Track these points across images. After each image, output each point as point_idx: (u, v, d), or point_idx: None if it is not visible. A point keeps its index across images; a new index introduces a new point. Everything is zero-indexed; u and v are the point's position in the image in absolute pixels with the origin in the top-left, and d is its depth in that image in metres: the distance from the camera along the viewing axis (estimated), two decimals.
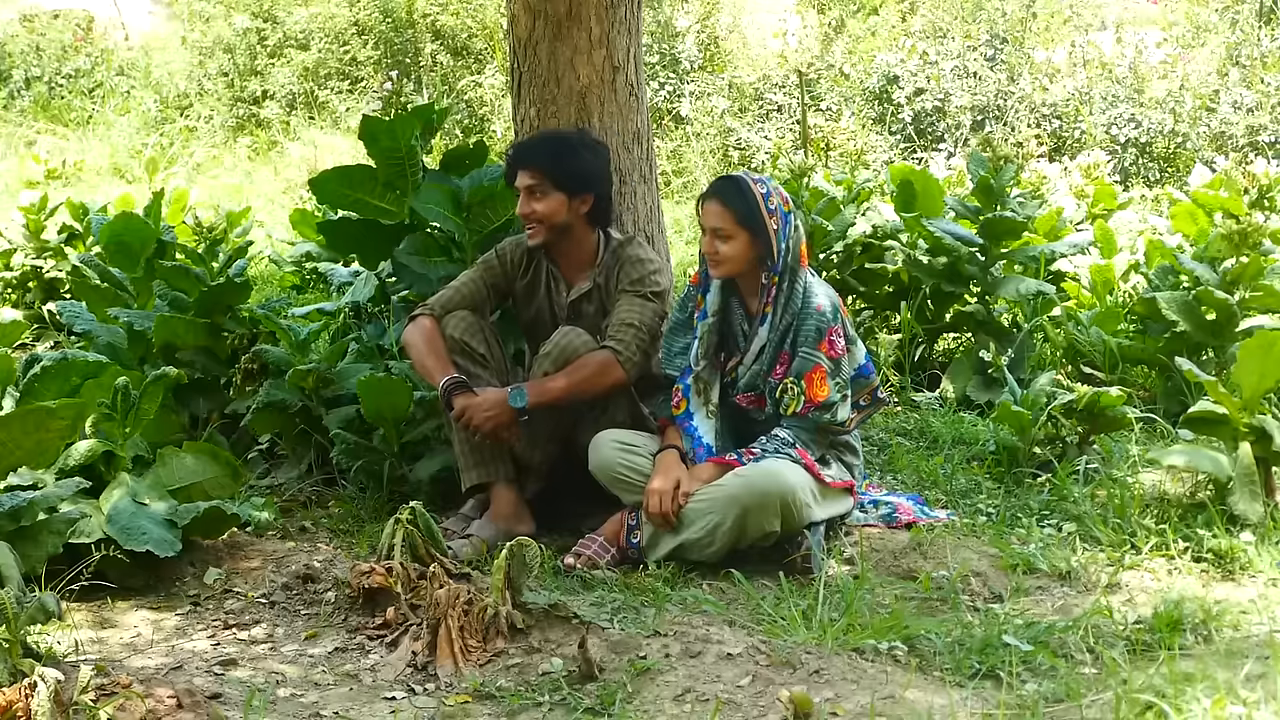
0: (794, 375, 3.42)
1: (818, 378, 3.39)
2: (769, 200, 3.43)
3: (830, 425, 3.44)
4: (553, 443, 3.70)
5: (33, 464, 3.04)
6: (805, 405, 3.40)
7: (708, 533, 3.33)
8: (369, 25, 12.66)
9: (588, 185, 3.71)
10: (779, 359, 3.46)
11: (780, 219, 3.43)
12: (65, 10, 13.57)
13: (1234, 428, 3.47)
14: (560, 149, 3.72)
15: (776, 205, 3.44)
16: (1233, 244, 4.48)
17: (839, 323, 3.44)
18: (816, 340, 3.41)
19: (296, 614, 3.08)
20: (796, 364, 3.42)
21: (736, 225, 3.42)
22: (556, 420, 3.65)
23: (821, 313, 3.42)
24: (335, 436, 3.98)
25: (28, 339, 6.07)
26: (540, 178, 3.67)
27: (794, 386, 3.41)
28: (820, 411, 3.41)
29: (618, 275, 3.71)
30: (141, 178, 10.54)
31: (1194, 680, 2.38)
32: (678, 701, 2.50)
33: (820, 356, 3.40)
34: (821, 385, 3.39)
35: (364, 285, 4.98)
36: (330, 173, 4.29)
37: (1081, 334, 5.04)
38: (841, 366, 3.43)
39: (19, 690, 2.24)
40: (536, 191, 3.68)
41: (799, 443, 3.41)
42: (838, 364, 3.42)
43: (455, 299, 3.75)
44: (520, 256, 3.83)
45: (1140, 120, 10.74)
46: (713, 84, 11.91)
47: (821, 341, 3.41)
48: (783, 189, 3.52)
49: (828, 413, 3.41)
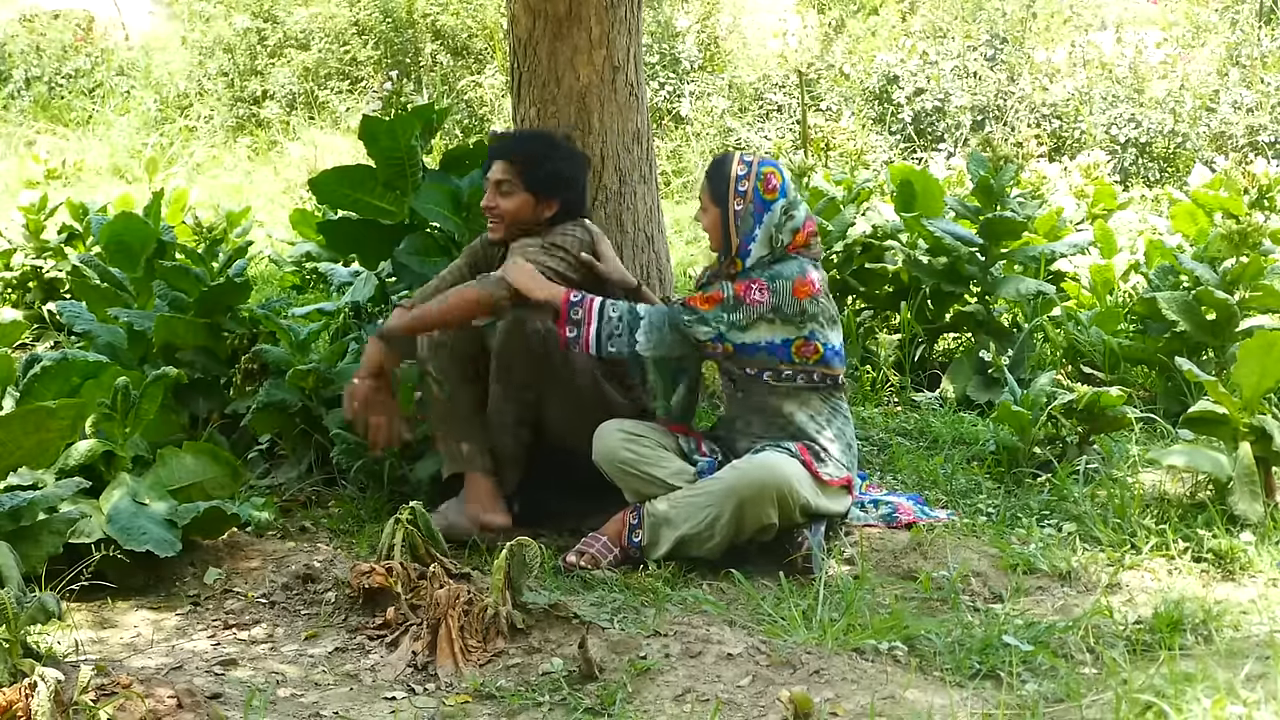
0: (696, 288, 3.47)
1: (707, 297, 3.41)
2: (740, 182, 3.45)
3: (685, 328, 3.41)
4: (522, 427, 3.67)
5: (33, 464, 3.03)
6: (679, 302, 3.45)
7: (706, 525, 3.34)
8: (369, 25, 12.67)
9: (556, 190, 3.69)
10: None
11: (752, 204, 3.44)
12: (65, 10, 13.57)
13: (1234, 428, 3.47)
14: (539, 150, 3.71)
15: (749, 189, 3.45)
16: (1233, 244, 4.48)
17: (773, 286, 3.40)
18: (736, 279, 3.42)
19: (296, 614, 3.08)
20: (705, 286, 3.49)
21: (710, 200, 3.50)
22: (516, 402, 3.64)
23: (762, 266, 3.43)
24: (335, 436, 3.98)
25: (28, 339, 6.07)
26: (513, 175, 3.66)
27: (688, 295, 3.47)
28: (685, 312, 3.41)
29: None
30: (141, 178, 10.54)
31: (1194, 680, 2.38)
32: (678, 701, 2.50)
33: (725, 286, 3.41)
34: (706, 302, 3.41)
35: (364, 285, 4.98)
36: (330, 173, 4.29)
37: (1081, 334, 5.05)
38: (742, 310, 3.39)
39: (19, 690, 2.23)
40: (504, 187, 3.67)
41: (644, 313, 3.41)
42: (739, 302, 3.39)
43: (440, 287, 3.77)
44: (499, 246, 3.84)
45: (1140, 120, 10.74)
46: (713, 84, 11.91)
47: (739, 282, 3.41)
48: (778, 178, 3.48)
49: (690, 315, 3.40)
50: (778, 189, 3.48)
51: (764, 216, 3.45)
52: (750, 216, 3.45)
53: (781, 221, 3.45)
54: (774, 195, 3.46)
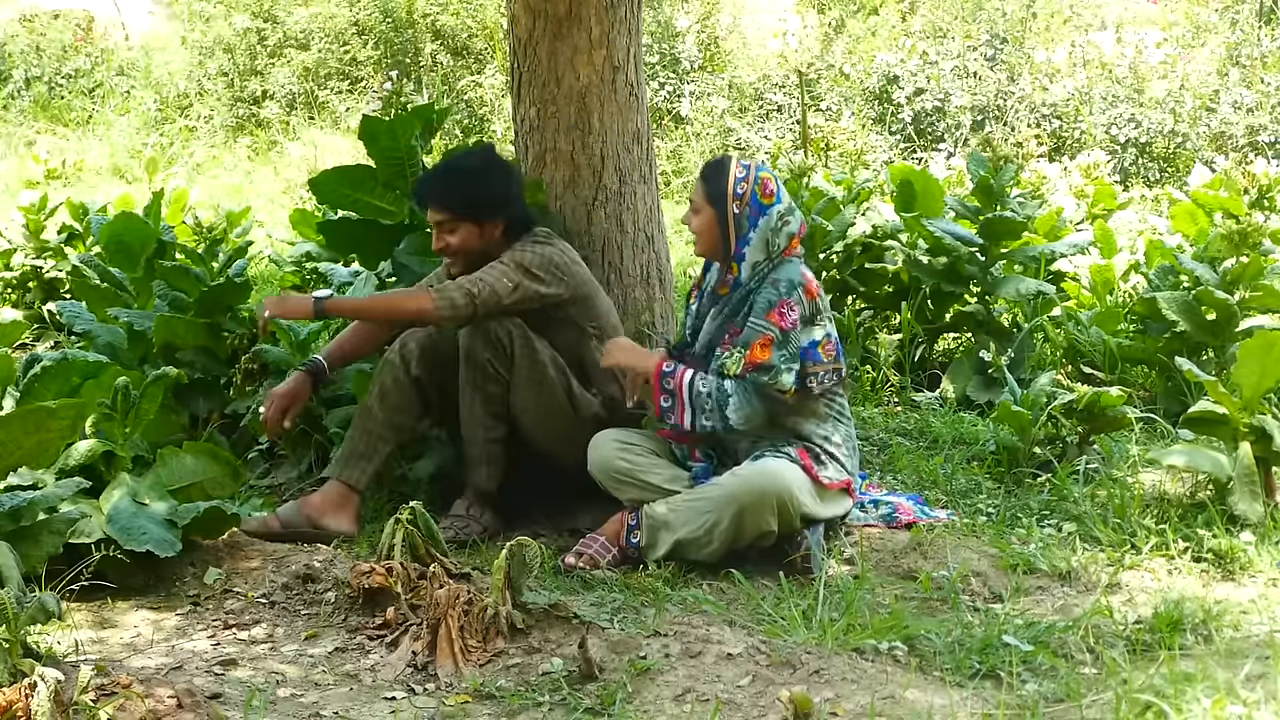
0: (740, 345, 3.41)
1: (760, 344, 3.37)
2: (739, 185, 3.45)
3: (770, 389, 3.37)
4: (495, 420, 3.68)
5: (33, 464, 3.03)
6: (745, 368, 3.38)
7: (705, 531, 3.34)
8: (369, 25, 12.66)
9: (496, 211, 3.72)
10: (729, 331, 3.46)
11: (749, 206, 3.44)
12: (65, 10, 13.57)
13: (1234, 428, 3.47)
14: (460, 183, 3.72)
15: (747, 191, 3.45)
16: (1233, 244, 4.48)
17: (794, 297, 3.40)
18: (766, 310, 3.39)
19: (296, 614, 3.08)
20: (744, 334, 3.41)
21: (704, 200, 3.49)
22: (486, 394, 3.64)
23: (776, 285, 3.41)
24: (335, 436, 3.98)
25: (28, 339, 6.07)
26: (447, 213, 3.70)
27: (737, 352, 3.40)
28: (759, 373, 3.37)
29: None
30: (141, 178, 10.54)
31: (1194, 680, 2.38)
32: (678, 701, 2.50)
33: (768, 325, 3.37)
34: (764, 350, 3.37)
35: (364, 285, 4.97)
36: (330, 173, 4.29)
37: (1081, 334, 5.04)
38: (791, 338, 3.39)
39: (19, 690, 2.23)
40: (445, 226, 3.71)
41: (732, 389, 3.37)
42: (786, 335, 3.38)
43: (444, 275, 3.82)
44: None
45: (1140, 120, 10.74)
46: (713, 84, 11.91)
47: (771, 311, 3.38)
48: (775, 183, 3.49)
49: (766, 374, 3.36)
50: (774, 194, 3.48)
51: (760, 220, 3.45)
52: (747, 220, 3.45)
53: (778, 226, 3.45)
54: (771, 200, 3.47)
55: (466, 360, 3.65)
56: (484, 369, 3.63)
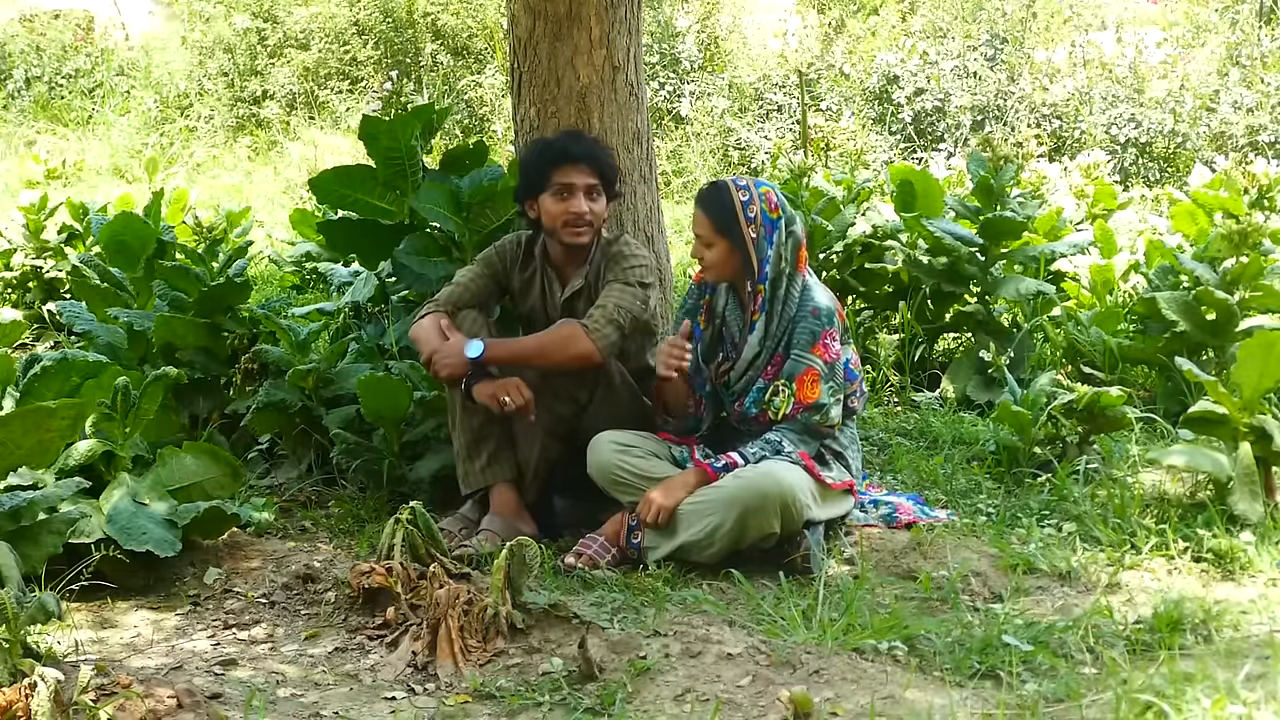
0: (785, 377, 3.41)
1: (809, 380, 3.39)
2: (748, 208, 3.42)
3: (821, 426, 3.44)
4: (554, 439, 3.68)
5: (33, 464, 3.03)
6: (795, 407, 3.40)
7: (707, 534, 3.33)
8: (369, 25, 12.67)
9: (616, 191, 3.79)
10: (771, 361, 3.46)
11: (763, 226, 3.42)
12: (65, 10, 13.59)
13: (1234, 428, 3.47)
14: (607, 153, 3.78)
15: (757, 213, 3.42)
16: (1233, 244, 4.48)
17: (834, 326, 3.44)
18: (810, 343, 3.40)
19: (296, 614, 3.08)
20: (788, 366, 3.42)
21: (715, 233, 3.44)
22: (555, 415, 3.65)
23: (817, 316, 3.42)
24: (335, 436, 3.99)
25: (28, 339, 6.08)
26: (599, 179, 3.69)
27: (784, 389, 3.41)
28: (810, 413, 3.41)
29: (606, 271, 3.71)
30: (141, 178, 10.55)
31: (1194, 680, 2.38)
32: (678, 701, 2.50)
33: (814, 359, 3.39)
34: (813, 387, 3.39)
35: (364, 285, 4.98)
36: (330, 173, 4.29)
37: (1081, 334, 5.04)
38: (835, 370, 3.43)
39: (19, 690, 2.24)
40: (594, 193, 3.68)
41: (787, 442, 3.40)
42: (831, 367, 3.41)
43: (464, 296, 3.75)
44: (518, 254, 3.83)
45: (1140, 120, 10.75)
46: (713, 84, 11.92)
47: (816, 344, 3.40)
48: (775, 194, 3.48)
49: (818, 414, 3.41)
50: (779, 205, 3.47)
51: (774, 236, 3.44)
52: (764, 241, 3.44)
53: (785, 238, 3.45)
54: (778, 213, 3.45)
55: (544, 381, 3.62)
56: (557, 394, 3.63)
